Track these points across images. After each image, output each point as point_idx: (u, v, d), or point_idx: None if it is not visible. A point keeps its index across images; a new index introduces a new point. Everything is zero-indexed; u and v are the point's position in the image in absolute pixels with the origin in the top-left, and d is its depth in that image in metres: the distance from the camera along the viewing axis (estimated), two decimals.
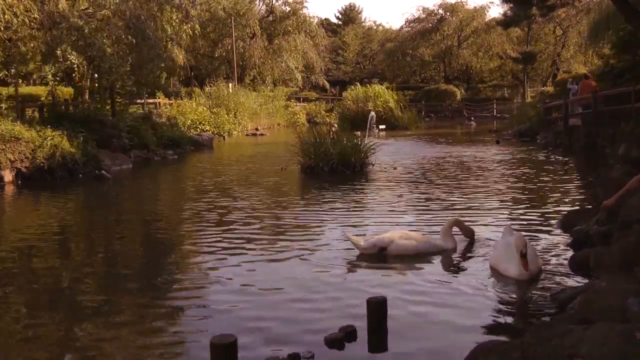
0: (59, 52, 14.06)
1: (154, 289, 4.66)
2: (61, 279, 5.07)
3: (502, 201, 8.12)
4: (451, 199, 8.36)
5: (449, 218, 6.88)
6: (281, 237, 6.28)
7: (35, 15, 13.25)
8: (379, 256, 5.21)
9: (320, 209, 7.83)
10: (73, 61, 14.38)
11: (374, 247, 5.28)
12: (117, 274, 5.15)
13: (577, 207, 7.05)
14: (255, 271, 4.95)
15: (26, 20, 12.95)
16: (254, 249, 5.69)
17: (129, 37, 15.65)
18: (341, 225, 6.64)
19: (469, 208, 7.55)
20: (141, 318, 3.98)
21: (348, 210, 7.62)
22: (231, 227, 6.83)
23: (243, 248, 5.75)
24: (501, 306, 3.97)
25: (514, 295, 4.13)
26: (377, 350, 3.38)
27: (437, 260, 5.12)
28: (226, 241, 6.08)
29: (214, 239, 6.21)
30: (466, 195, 8.66)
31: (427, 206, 7.85)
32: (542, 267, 4.62)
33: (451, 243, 5.44)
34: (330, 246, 5.70)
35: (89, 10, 15.58)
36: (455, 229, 5.63)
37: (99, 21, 14.85)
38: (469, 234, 5.69)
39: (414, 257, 5.13)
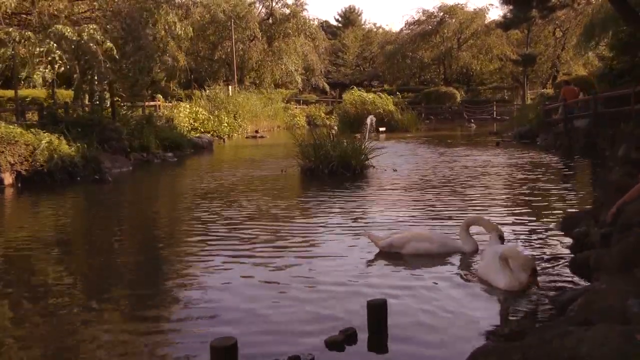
0: (43, 48, 14.04)
1: (153, 292, 4.65)
2: (58, 283, 5.06)
3: (502, 203, 8.12)
4: (451, 200, 8.36)
5: (448, 219, 6.92)
6: (281, 239, 6.27)
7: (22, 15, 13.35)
8: (395, 255, 5.25)
9: (320, 212, 7.83)
10: (57, 60, 14.37)
11: (390, 246, 5.31)
12: (115, 277, 5.14)
13: (577, 209, 7.04)
14: (255, 273, 4.94)
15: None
16: (253, 251, 5.68)
17: (123, 39, 15.70)
18: (341, 227, 6.65)
19: (469, 210, 7.55)
20: (140, 321, 3.98)
21: (348, 213, 7.61)
22: (231, 229, 6.82)
23: (243, 250, 5.75)
24: (501, 308, 3.96)
25: (515, 297, 4.12)
26: (377, 353, 3.37)
27: (440, 261, 5.09)
28: (226, 243, 6.09)
29: (214, 241, 6.20)
30: (466, 197, 8.66)
31: (428, 208, 7.84)
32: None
33: (470, 245, 5.26)
34: (330, 248, 5.70)
35: (87, 14, 15.63)
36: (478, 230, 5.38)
37: (93, 22, 14.88)
38: (491, 229, 5.22)
39: (421, 258, 5.13)
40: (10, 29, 13.66)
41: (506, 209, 7.67)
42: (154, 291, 4.66)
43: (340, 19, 75.88)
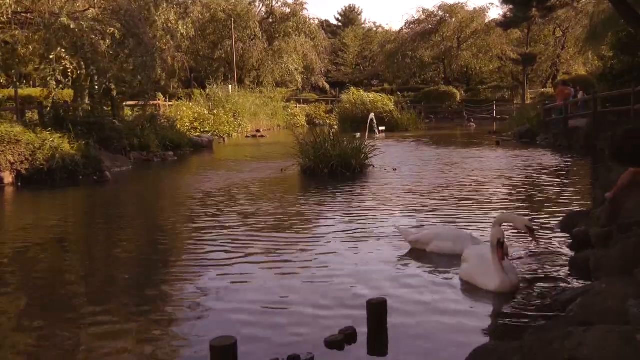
0: (52, 55, 13.98)
1: (153, 292, 4.65)
2: (58, 283, 5.05)
3: (501, 202, 8.12)
4: (452, 199, 8.36)
5: (448, 218, 6.92)
6: (280, 238, 6.27)
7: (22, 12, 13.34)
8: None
9: (320, 211, 7.83)
10: (67, 65, 14.30)
11: (417, 242, 5.35)
12: (115, 277, 5.14)
13: (577, 209, 7.04)
14: (255, 273, 4.94)
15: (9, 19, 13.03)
16: (253, 251, 5.68)
17: (123, 37, 15.69)
18: (340, 227, 6.64)
19: (468, 209, 7.56)
20: (140, 321, 3.98)
21: (348, 212, 7.61)
22: (230, 228, 6.82)
23: (242, 250, 5.74)
24: (501, 307, 3.96)
25: (514, 297, 4.12)
26: (377, 352, 3.37)
27: (441, 261, 5.08)
28: (225, 243, 6.08)
29: (213, 241, 6.20)
30: (466, 196, 8.66)
31: (427, 207, 7.83)
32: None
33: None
34: (330, 247, 5.70)
35: (87, 12, 15.60)
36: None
37: (92, 21, 14.84)
38: (522, 224, 4.90)
39: (428, 258, 5.15)
40: (17, 32, 13.68)
41: (506, 208, 7.66)
42: (153, 290, 4.66)
43: (340, 18, 75.93)
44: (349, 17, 74.80)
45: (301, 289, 4.45)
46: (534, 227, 5.06)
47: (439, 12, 52.78)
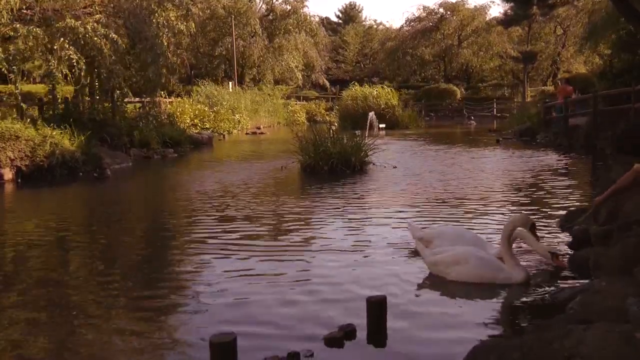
0: (56, 46, 13.87)
1: (152, 288, 4.66)
2: (57, 280, 5.06)
3: (501, 200, 8.12)
4: (451, 198, 8.36)
5: (448, 216, 6.92)
6: (280, 236, 6.28)
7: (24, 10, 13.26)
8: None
9: (320, 209, 7.83)
10: (72, 56, 14.20)
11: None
12: (114, 275, 5.14)
13: (577, 207, 7.04)
14: (254, 270, 4.95)
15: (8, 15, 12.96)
16: (252, 248, 5.69)
17: (129, 38, 15.64)
18: (340, 225, 6.65)
19: (468, 207, 7.56)
20: (139, 318, 3.98)
21: (347, 210, 7.61)
22: (230, 225, 6.83)
23: (242, 247, 5.75)
24: (500, 305, 3.97)
25: (514, 295, 4.13)
26: (377, 349, 3.37)
27: None
28: (225, 240, 6.09)
29: (213, 238, 6.21)
30: (466, 194, 8.66)
31: (427, 205, 7.84)
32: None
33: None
34: (330, 245, 5.70)
35: (89, 11, 15.55)
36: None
37: (96, 21, 14.77)
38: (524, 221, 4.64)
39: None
40: (18, 25, 13.60)
41: (505, 206, 7.67)
42: (153, 288, 4.66)
43: (340, 15, 75.80)
44: (350, 14, 74.67)
45: (301, 286, 4.45)
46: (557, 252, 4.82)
47: (440, 9, 52.67)
